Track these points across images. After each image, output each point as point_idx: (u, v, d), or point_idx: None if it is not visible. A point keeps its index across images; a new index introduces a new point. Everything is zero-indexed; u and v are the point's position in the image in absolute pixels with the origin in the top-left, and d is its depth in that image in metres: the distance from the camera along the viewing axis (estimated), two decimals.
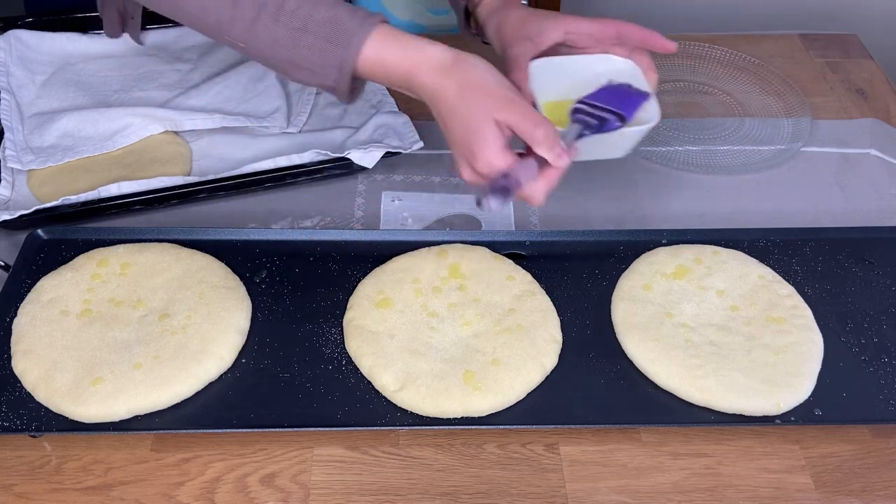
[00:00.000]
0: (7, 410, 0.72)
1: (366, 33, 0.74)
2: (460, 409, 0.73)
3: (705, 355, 0.76)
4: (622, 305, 0.81)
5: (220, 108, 1.04)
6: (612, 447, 0.73)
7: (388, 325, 0.78)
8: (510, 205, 0.96)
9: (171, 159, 0.98)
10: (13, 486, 0.69)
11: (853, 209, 0.97)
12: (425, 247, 0.86)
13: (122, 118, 1.00)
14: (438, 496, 0.70)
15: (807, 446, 0.74)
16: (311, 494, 0.70)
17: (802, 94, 1.12)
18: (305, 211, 0.94)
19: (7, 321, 0.78)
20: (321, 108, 1.07)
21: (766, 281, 0.83)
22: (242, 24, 0.75)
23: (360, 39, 0.74)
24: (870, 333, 0.80)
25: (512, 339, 0.77)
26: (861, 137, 1.07)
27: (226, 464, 0.71)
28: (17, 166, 0.95)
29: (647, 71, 0.83)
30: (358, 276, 0.84)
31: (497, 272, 0.84)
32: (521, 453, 0.73)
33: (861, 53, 1.23)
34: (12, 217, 0.88)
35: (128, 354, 0.75)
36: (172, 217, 0.93)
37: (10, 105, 1.02)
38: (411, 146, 0.98)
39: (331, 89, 0.77)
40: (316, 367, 0.76)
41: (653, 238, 0.89)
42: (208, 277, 0.82)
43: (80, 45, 1.12)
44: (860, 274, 0.86)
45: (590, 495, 0.70)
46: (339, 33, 0.73)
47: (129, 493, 0.69)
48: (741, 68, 1.16)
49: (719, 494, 0.70)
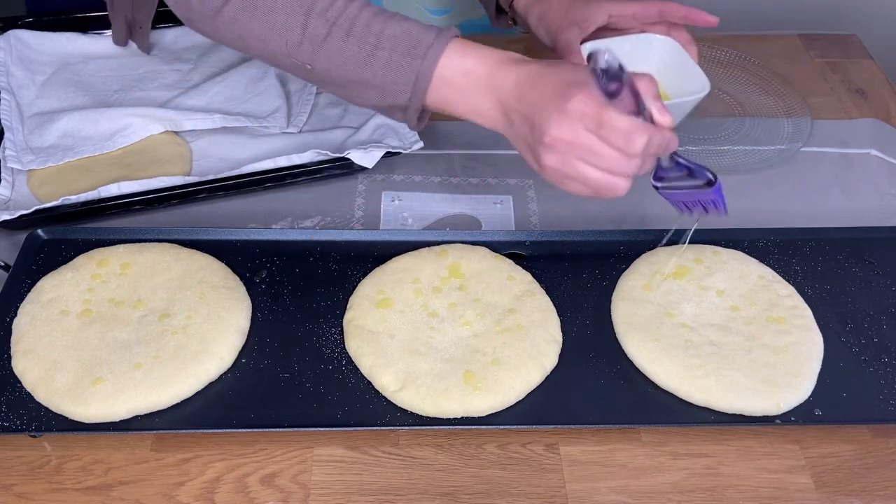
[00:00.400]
0: (7, 410, 0.72)
1: (442, 45, 0.72)
2: (460, 409, 0.73)
3: (705, 355, 0.76)
4: (622, 305, 0.81)
5: (220, 108, 1.04)
6: (612, 447, 0.73)
7: (388, 325, 0.78)
8: (510, 205, 0.96)
9: (171, 159, 0.98)
10: (13, 486, 0.69)
11: (853, 209, 0.97)
12: (425, 247, 0.86)
13: (122, 118, 1.00)
14: (438, 496, 0.70)
15: (807, 446, 0.74)
16: (311, 494, 0.70)
17: (802, 94, 1.11)
18: (305, 211, 0.94)
19: (7, 321, 0.78)
20: (321, 108, 1.07)
21: (766, 281, 0.83)
22: (311, 44, 0.73)
23: (437, 51, 0.72)
24: (870, 333, 0.80)
25: (512, 339, 0.77)
26: (861, 137, 1.07)
27: (226, 464, 0.71)
28: (17, 166, 0.95)
29: (686, 45, 0.88)
30: (358, 276, 0.84)
31: (497, 272, 0.84)
32: (521, 453, 0.73)
33: (861, 53, 1.23)
34: (12, 217, 0.88)
35: (128, 354, 0.75)
36: (172, 217, 0.93)
37: (10, 105, 1.02)
38: (411, 146, 0.98)
39: (401, 110, 0.75)
40: (316, 367, 0.76)
41: (653, 238, 0.89)
42: (208, 277, 0.82)
43: (80, 45, 1.12)
44: (860, 274, 0.86)
45: (590, 495, 0.70)
46: (415, 45, 0.72)
47: (129, 493, 0.69)
48: (741, 68, 1.16)
49: (719, 494, 0.70)
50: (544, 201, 0.97)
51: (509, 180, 0.99)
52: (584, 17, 0.88)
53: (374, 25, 0.72)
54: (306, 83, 1.07)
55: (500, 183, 0.99)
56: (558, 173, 0.70)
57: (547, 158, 0.69)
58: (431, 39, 0.72)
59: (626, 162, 0.67)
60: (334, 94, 0.79)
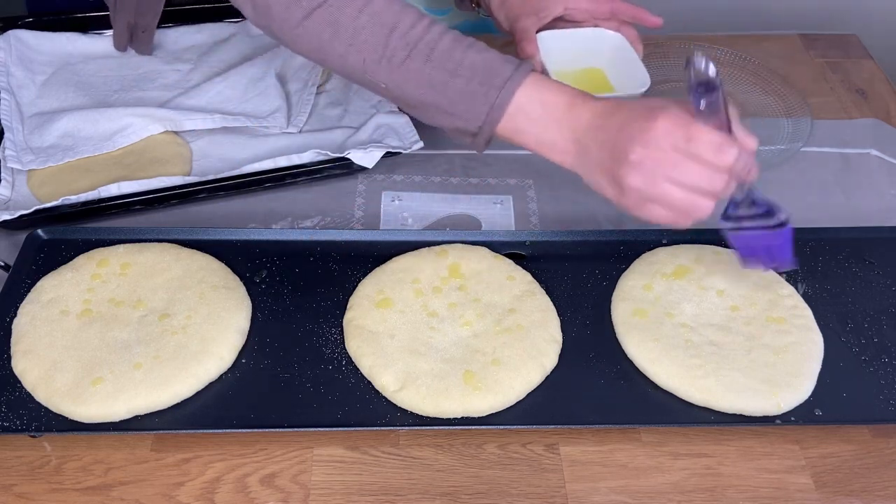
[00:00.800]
0: (7, 410, 0.72)
1: (520, 79, 0.73)
2: (460, 409, 0.73)
3: (705, 355, 0.76)
4: (622, 305, 0.81)
5: (220, 108, 1.04)
6: (612, 447, 0.73)
7: (388, 325, 0.78)
8: (510, 205, 0.96)
9: (171, 159, 0.98)
10: (13, 486, 0.69)
11: (853, 209, 0.97)
12: (425, 247, 0.86)
13: (122, 118, 1.00)
14: (438, 496, 0.70)
15: (807, 446, 0.74)
16: (311, 494, 0.70)
17: (802, 94, 1.11)
18: (305, 211, 0.94)
19: (7, 321, 0.78)
20: (321, 108, 1.07)
21: (766, 281, 0.83)
22: (390, 64, 0.74)
23: (515, 84, 0.73)
24: (870, 333, 0.80)
25: (512, 339, 0.77)
26: (861, 137, 1.07)
27: (226, 464, 0.71)
28: (17, 166, 0.95)
29: (633, 42, 0.94)
30: (358, 276, 0.84)
31: (497, 272, 0.84)
32: (521, 453, 0.73)
33: (861, 53, 1.23)
34: (12, 217, 0.88)
35: (128, 354, 0.75)
36: (172, 217, 0.93)
37: (10, 105, 1.02)
38: (411, 146, 0.98)
39: (471, 135, 0.76)
40: (316, 367, 0.76)
41: (653, 238, 0.89)
42: (208, 277, 0.82)
43: (80, 45, 1.12)
44: (860, 274, 0.86)
45: (590, 495, 0.70)
46: (493, 76, 0.73)
47: (129, 493, 0.69)
48: (741, 68, 1.16)
49: (719, 494, 0.70)
50: (544, 201, 0.97)
51: (509, 180, 0.99)
52: (542, 6, 0.94)
53: (454, 52, 0.73)
54: (306, 83, 1.07)
55: (500, 183, 0.99)
56: (641, 196, 0.69)
57: (631, 179, 0.68)
58: (510, 72, 0.73)
59: (716, 178, 0.67)
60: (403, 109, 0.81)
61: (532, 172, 1.00)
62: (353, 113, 1.05)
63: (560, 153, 0.74)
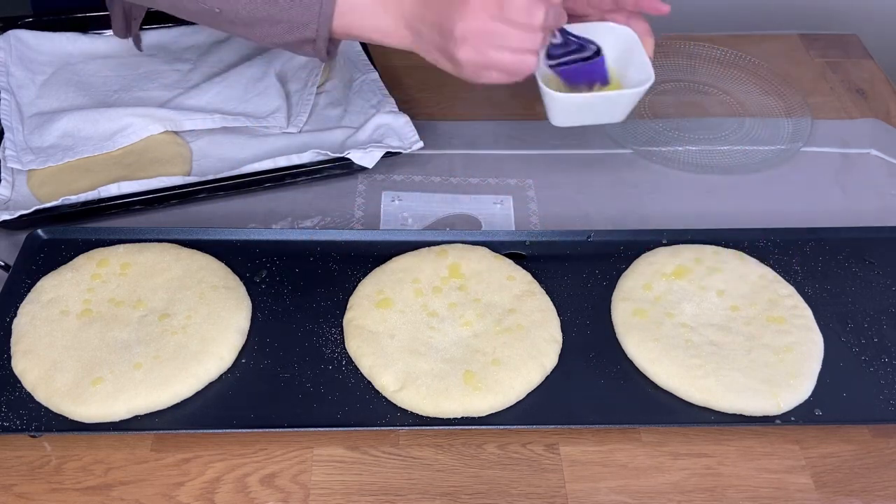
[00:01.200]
0: (7, 410, 0.72)
1: None
2: (460, 409, 0.73)
3: (705, 355, 0.76)
4: (622, 305, 0.81)
5: (220, 108, 1.04)
6: (612, 447, 0.73)
7: (388, 325, 0.78)
8: (510, 205, 0.96)
9: (171, 159, 0.98)
10: (13, 486, 0.69)
11: (853, 209, 0.97)
12: (425, 247, 0.86)
13: (122, 118, 1.00)
14: (438, 496, 0.70)
15: (807, 446, 0.74)
16: (311, 494, 0.70)
17: (802, 94, 1.12)
18: (305, 211, 0.94)
19: (7, 321, 0.78)
20: (321, 109, 1.07)
21: (766, 281, 0.83)
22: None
23: None
24: (870, 333, 0.80)
25: (512, 339, 0.77)
26: (861, 137, 1.07)
27: (226, 464, 0.71)
28: (17, 166, 0.95)
29: (643, 36, 0.89)
30: (358, 276, 0.84)
31: (497, 272, 0.84)
32: (521, 453, 0.73)
33: (861, 53, 1.23)
34: (12, 217, 0.88)
35: (128, 354, 0.75)
36: (172, 217, 0.93)
37: (10, 105, 1.02)
38: (411, 146, 0.98)
39: (310, 42, 0.78)
40: (316, 367, 0.76)
41: (653, 238, 0.89)
42: (208, 277, 0.82)
43: (80, 45, 1.12)
44: (860, 274, 0.86)
45: (590, 495, 0.70)
46: None
47: (129, 493, 0.69)
48: (741, 68, 1.16)
49: (719, 494, 0.70)
50: (544, 201, 0.97)
51: (509, 180, 0.99)
52: None
53: None
54: (306, 83, 1.07)
55: (500, 183, 0.99)
56: (475, 65, 0.75)
57: (462, 53, 0.74)
58: None
59: (531, 37, 0.74)
60: (245, 38, 0.81)
61: (532, 172, 1.00)
62: (353, 113, 1.05)
63: (399, 38, 0.78)
